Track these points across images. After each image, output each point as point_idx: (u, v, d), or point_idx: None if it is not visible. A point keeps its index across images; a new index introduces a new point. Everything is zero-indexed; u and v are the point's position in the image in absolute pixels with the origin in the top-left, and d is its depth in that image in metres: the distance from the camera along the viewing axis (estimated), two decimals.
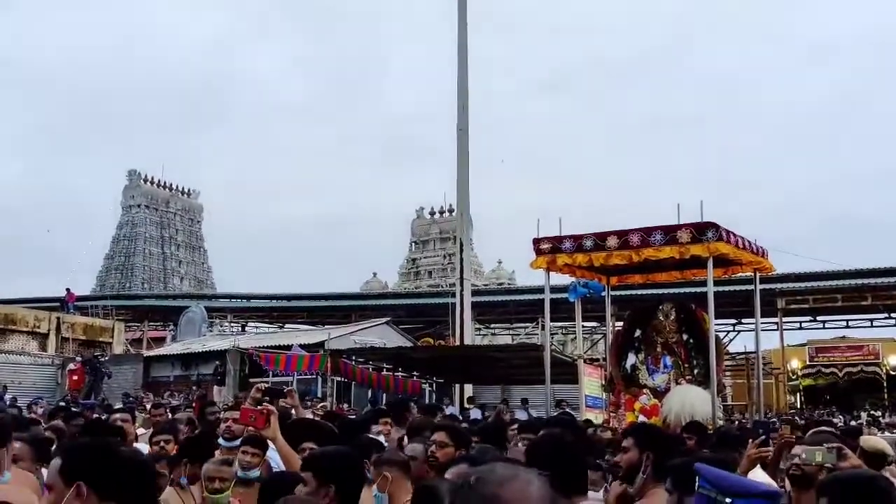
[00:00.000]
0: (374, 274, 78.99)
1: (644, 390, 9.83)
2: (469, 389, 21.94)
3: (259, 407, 4.77)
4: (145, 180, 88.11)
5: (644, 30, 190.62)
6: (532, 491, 1.69)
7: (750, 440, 4.90)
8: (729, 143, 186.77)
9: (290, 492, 3.31)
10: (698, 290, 16.12)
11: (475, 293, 29.50)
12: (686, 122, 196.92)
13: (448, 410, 14.63)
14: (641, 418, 9.31)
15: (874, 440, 5.15)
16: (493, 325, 44.76)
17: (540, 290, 32.17)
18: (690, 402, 9.05)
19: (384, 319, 30.71)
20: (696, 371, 9.81)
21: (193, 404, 16.87)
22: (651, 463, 3.64)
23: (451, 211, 69.60)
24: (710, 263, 9.12)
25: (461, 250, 24.01)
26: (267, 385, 14.19)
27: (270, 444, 5.77)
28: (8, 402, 16.39)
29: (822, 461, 3.43)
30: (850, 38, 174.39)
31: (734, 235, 9.22)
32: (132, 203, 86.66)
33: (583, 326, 26.04)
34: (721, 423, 9.06)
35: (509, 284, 62.81)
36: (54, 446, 5.12)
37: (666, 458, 3.54)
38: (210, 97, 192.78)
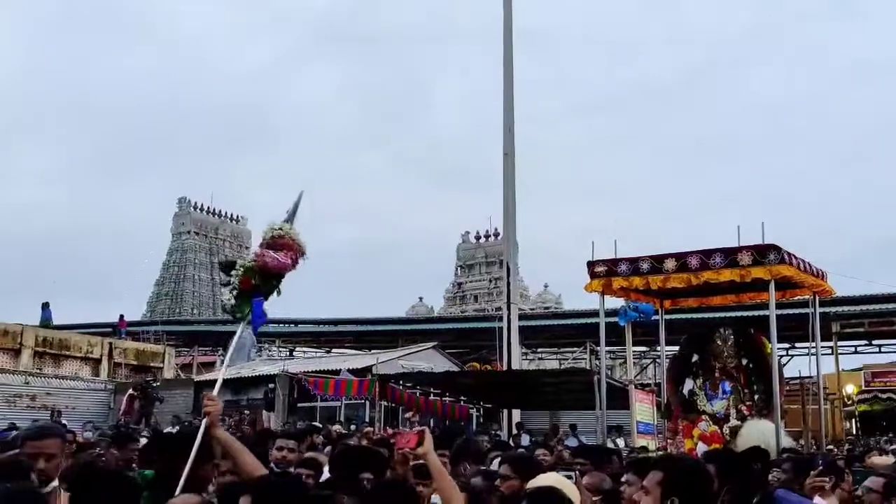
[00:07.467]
0: (421, 298, 79.32)
1: (703, 416, 9.59)
2: (517, 415, 21.69)
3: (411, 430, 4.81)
4: (195, 207, 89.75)
5: (689, 51, 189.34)
6: None
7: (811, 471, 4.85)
8: (777, 164, 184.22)
9: None
10: (753, 313, 15.79)
11: (522, 317, 29.18)
12: (733, 143, 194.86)
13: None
14: (700, 445, 9.09)
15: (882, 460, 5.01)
16: (539, 350, 44.38)
17: (587, 314, 32.03)
18: (769, 437, 8.79)
19: (431, 344, 30.57)
20: (756, 397, 9.54)
21: (245, 428, 17.04)
22: (730, 497, 3.48)
23: (496, 235, 69.55)
24: (772, 287, 8.88)
25: (508, 275, 23.80)
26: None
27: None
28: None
29: None
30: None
31: (795, 258, 8.98)
32: (182, 230, 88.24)
33: (632, 351, 25.69)
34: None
35: (556, 308, 62.49)
36: None
37: (743, 490, 3.40)
38: (258, 123, 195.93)
